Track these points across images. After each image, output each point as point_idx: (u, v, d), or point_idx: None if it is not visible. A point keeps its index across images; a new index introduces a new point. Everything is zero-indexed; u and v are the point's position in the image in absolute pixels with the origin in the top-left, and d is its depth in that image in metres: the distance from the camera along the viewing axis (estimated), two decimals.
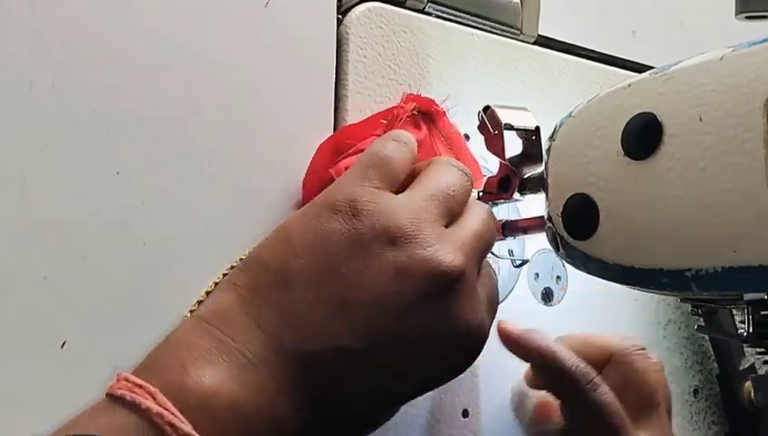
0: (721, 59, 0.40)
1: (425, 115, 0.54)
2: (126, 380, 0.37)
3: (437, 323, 0.42)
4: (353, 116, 0.53)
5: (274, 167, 0.49)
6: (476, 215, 0.46)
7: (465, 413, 0.57)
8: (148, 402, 0.36)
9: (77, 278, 0.42)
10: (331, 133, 0.52)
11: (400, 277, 0.41)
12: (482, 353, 0.59)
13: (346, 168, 0.48)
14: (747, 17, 0.57)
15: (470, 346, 0.45)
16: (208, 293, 0.44)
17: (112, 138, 0.44)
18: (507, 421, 0.59)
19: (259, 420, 0.38)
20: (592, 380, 0.53)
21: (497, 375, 0.59)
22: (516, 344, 0.56)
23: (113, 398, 0.37)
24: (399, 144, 0.46)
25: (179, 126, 0.46)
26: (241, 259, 0.44)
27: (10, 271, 0.41)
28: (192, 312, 0.44)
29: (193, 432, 0.36)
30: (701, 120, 0.40)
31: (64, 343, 0.42)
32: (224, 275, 0.45)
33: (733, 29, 0.56)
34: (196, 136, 0.46)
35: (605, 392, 0.53)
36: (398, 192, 0.45)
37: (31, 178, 0.41)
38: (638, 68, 0.68)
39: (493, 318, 0.47)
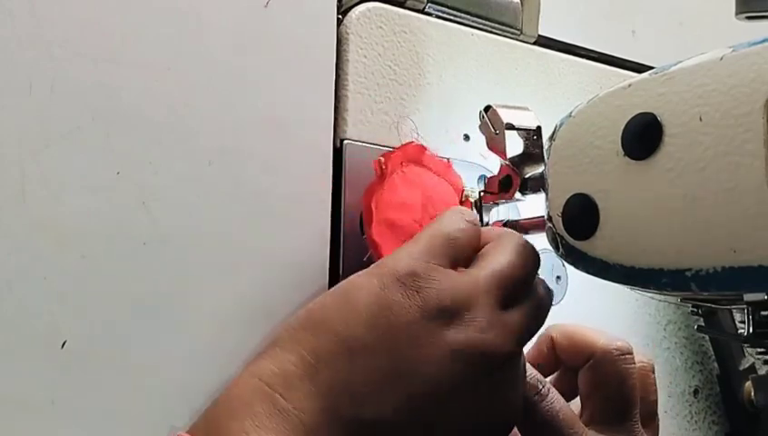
0: (721, 59, 0.40)
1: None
2: None
3: (488, 402, 0.45)
4: (353, 116, 0.53)
5: (274, 167, 0.49)
6: (534, 302, 0.48)
7: None
8: None
9: (77, 278, 0.42)
10: (331, 132, 0.52)
11: (456, 357, 0.43)
12: None
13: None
14: (747, 17, 0.57)
15: (506, 424, 0.47)
16: None
17: (112, 138, 0.44)
18: None
19: None
20: (539, 391, 0.52)
21: None
22: None
23: None
24: (468, 224, 0.48)
25: (179, 126, 0.46)
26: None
27: (10, 271, 0.41)
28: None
29: None
30: (701, 120, 0.40)
31: (64, 343, 0.42)
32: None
33: (733, 29, 0.56)
34: (196, 136, 0.46)
35: (552, 401, 0.52)
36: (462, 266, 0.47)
37: (31, 178, 0.41)
38: (638, 68, 0.68)
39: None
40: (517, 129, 0.52)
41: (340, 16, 0.53)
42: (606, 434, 0.53)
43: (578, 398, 0.56)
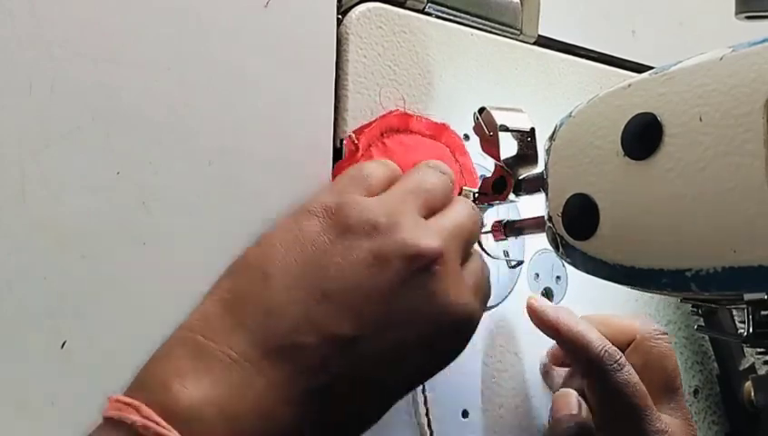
0: (721, 59, 0.40)
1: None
2: (117, 400, 0.38)
3: (419, 305, 0.43)
4: (353, 116, 0.53)
5: (274, 167, 0.49)
6: (457, 208, 0.47)
7: (465, 414, 0.57)
8: (133, 417, 0.36)
9: (77, 278, 0.42)
10: (331, 132, 0.52)
11: (378, 262, 0.42)
12: (482, 352, 0.59)
13: None
14: (747, 17, 0.57)
15: (457, 329, 0.45)
16: None
17: (112, 138, 0.44)
18: (507, 420, 0.59)
19: (251, 418, 0.39)
20: (617, 360, 0.54)
21: (497, 375, 0.59)
22: (544, 323, 0.57)
23: (105, 420, 0.38)
24: (379, 164, 0.49)
25: (179, 126, 0.46)
26: None
27: (10, 271, 0.41)
28: None
29: None
30: (701, 120, 0.40)
31: (64, 343, 0.42)
32: None
33: (733, 29, 0.56)
34: (196, 136, 0.46)
35: (630, 372, 0.54)
36: None
37: (31, 178, 0.41)
38: (638, 68, 0.68)
39: (484, 306, 0.48)
40: (511, 131, 0.52)
41: (340, 16, 0.53)
42: (663, 411, 0.55)
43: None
